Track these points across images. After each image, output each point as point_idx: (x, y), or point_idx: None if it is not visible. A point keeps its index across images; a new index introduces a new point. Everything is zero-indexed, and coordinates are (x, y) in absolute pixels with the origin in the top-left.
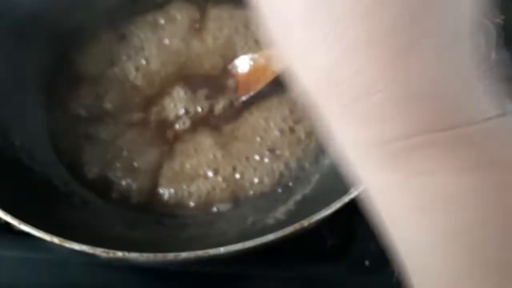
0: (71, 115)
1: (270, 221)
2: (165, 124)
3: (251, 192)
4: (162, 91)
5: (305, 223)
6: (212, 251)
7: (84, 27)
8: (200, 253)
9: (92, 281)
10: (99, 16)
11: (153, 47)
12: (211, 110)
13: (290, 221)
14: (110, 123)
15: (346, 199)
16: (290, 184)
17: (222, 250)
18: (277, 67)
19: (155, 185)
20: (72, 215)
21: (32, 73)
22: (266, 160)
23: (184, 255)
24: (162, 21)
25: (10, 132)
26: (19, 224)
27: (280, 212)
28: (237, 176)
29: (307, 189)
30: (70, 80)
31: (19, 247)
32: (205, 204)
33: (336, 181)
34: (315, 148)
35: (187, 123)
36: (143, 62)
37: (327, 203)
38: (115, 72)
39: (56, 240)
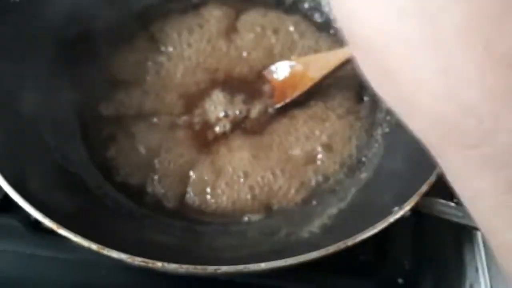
0: (105, 117)
1: (305, 234)
2: (206, 126)
3: (284, 203)
4: (201, 94)
5: (349, 242)
6: (252, 267)
7: (116, 28)
8: (240, 267)
9: (119, 281)
10: (132, 17)
11: (188, 50)
12: (247, 114)
13: (326, 236)
14: (145, 126)
15: (391, 219)
16: (326, 197)
17: (263, 265)
18: (315, 74)
19: (187, 190)
20: (106, 219)
21: (65, 75)
22: (300, 170)
23: (224, 268)
24: (196, 23)
25: (45, 133)
26: (58, 228)
27: (315, 226)
28: (270, 185)
29: (343, 203)
30: (104, 81)
31: (48, 246)
32: (236, 213)
33: (373, 196)
34: (351, 161)
35: (227, 126)
36: (179, 64)
37: (365, 219)
38: (150, 74)
39: (94, 246)
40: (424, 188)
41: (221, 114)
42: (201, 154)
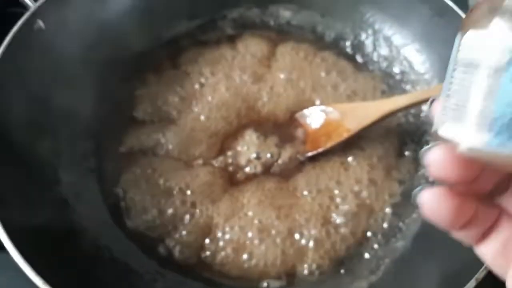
0: (125, 155)
1: None
2: (236, 168)
3: (308, 269)
4: (233, 133)
5: None
6: None
7: (143, 59)
8: None
9: None
10: (160, 47)
11: (219, 85)
12: (277, 159)
13: None
14: (168, 167)
15: None
16: (356, 265)
17: None
18: (352, 125)
19: (205, 245)
20: (110, 273)
21: (86, 108)
22: (329, 231)
23: None
24: (229, 57)
25: (60, 167)
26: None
27: None
28: (295, 247)
29: (374, 277)
30: (126, 117)
31: None
32: (255, 277)
33: (408, 273)
34: (386, 226)
35: (259, 168)
36: (208, 100)
37: None
38: (177, 109)
39: None
40: (472, 284)
41: (253, 156)
42: (224, 204)
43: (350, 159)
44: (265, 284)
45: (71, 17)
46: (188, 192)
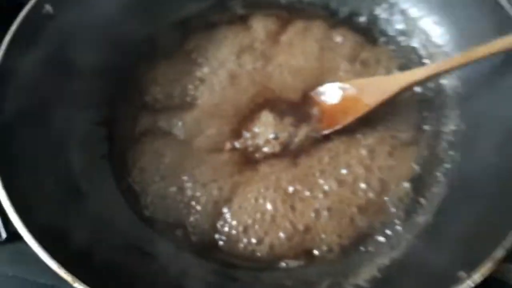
0: (138, 141)
1: None
2: (254, 149)
3: (328, 248)
4: (249, 115)
5: None
6: None
7: (153, 42)
8: None
9: None
10: (170, 29)
11: (231, 67)
12: (293, 139)
13: None
14: (183, 152)
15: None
16: (376, 242)
17: None
18: (370, 100)
19: (219, 228)
20: (127, 259)
21: (98, 94)
22: (347, 209)
23: None
24: (240, 37)
25: (72, 155)
26: (73, 282)
27: (362, 278)
28: (313, 226)
29: (396, 252)
30: (138, 102)
31: None
32: (273, 257)
33: (432, 246)
34: (407, 201)
35: (277, 147)
36: (221, 83)
37: (421, 279)
38: (190, 94)
39: None
40: (499, 253)
41: (271, 136)
42: (239, 186)
43: (365, 135)
44: (283, 264)
45: (80, 1)
46: (204, 175)
